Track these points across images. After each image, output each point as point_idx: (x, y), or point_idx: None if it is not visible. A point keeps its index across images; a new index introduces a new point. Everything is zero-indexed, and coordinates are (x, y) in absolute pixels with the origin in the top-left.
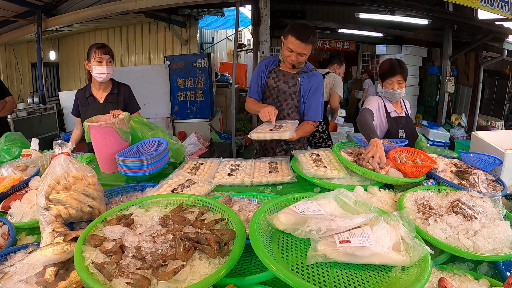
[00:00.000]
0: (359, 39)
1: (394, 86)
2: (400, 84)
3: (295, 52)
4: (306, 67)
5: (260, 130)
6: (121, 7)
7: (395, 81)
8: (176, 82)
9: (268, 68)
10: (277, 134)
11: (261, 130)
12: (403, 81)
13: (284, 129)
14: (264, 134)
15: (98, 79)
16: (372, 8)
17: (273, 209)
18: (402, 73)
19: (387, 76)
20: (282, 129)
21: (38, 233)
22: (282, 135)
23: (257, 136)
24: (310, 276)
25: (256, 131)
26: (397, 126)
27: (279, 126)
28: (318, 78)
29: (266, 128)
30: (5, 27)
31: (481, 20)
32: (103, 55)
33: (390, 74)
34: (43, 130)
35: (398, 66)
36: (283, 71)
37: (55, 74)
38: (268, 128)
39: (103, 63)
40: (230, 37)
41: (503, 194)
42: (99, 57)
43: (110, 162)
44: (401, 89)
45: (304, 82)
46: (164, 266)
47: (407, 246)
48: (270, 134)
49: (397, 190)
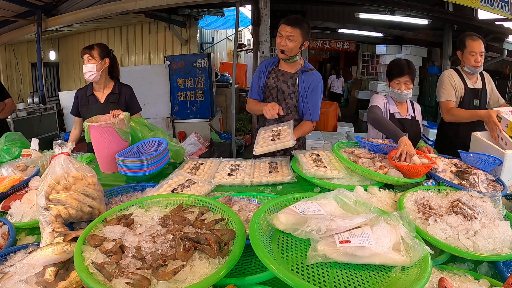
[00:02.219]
0: (359, 39)
1: (401, 86)
2: (407, 85)
3: (284, 37)
4: (304, 67)
5: (262, 143)
6: (121, 7)
7: (403, 81)
8: (176, 82)
9: (268, 68)
10: (281, 144)
11: (263, 144)
12: (410, 82)
13: (284, 135)
14: (268, 148)
15: (86, 79)
16: (372, 8)
17: (273, 209)
18: (410, 73)
19: (395, 76)
20: (283, 136)
21: (38, 233)
22: (285, 144)
23: (261, 151)
24: (310, 276)
25: (259, 146)
26: (401, 128)
27: (277, 132)
28: (316, 78)
29: (267, 139)
30: (5, 27)
31: (481, 20)
32: (84, 55)
33: (398, 74)
34: (43, 130)
35: (406, 66)
36: (282, 71)
37: (55, 74)
38: (269, 139)
39: (85, 62)
40: (230, 37)
41: (503, 194)
42: (82, 57)
43: (110, 162)
44: (408, 90)
45: (303, 82)
46: (164, 266)
47: (407, 246)
48: (274, 146)
49: (397, 190)
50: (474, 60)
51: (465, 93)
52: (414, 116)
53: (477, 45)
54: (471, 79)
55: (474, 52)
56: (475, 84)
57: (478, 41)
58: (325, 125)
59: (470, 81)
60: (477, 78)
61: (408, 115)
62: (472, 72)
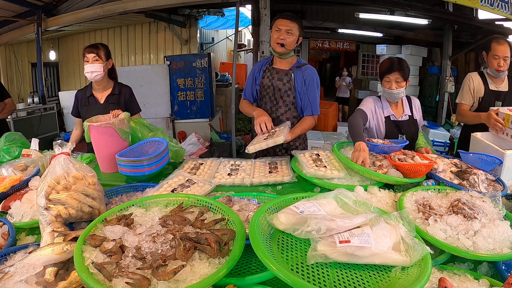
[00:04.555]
0: (359, 39)
1: (392, 85)
2: (398, 83)
3: (282, 30)
4: (298, 62)
5: (255, 142)
6: (121, 7)
7: (393, 79)
8: (176, 82)
9: (262, 68)
10: (272, 140)
11: (256, 142)
12: (402, 79)
13: (277, 134)
14: (260, 145)
15: (88, 78)
16: (372, 8)
17: (273, 209)
18: (401, 70)
19: (385, 73)
20: (275, 134)
21: (38, 233)
22: (276, 141)
23: (254, 149)
24: (310, 276)
25: (252, 144)
26: (397, 131)
27: (272, 132)
28: (311, 71)
29: (261, 138)
30: (5, 27)
31: (481, 20)
32: (87, 54)
33: (387, 71)
34: (43, 130)
35: (396, 63)
36: (276, 68)
37: (55, 74)
38: (262, 138)
39: (89, 61)
40: (230, 37)
41: (503, 194)
42: (86, 56)
43: (110, 162)
44: (399, 89)
45: (298, 77)
46: (164, 266)
47: (407, 246)
48: (265, 143)
49: (397, 190)
50: (497, 64)
51: (485, 95)
52: (411, 114)
53: (501, 49)
54: (496, 81)
55: (498, 56)
56: (499, 87)
57: (503, 45)
58: (325, 125)
59: (494, 83)
60: (504, 80)
61: (404, 115)
62: (495, 75)
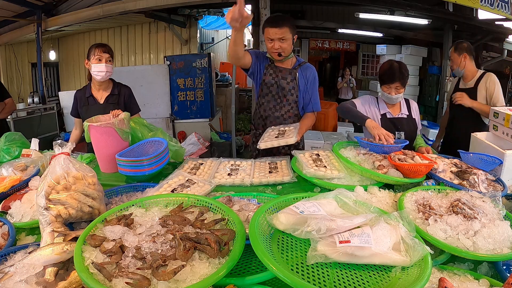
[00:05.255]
0: (359, 39)
1: (392, 91)
2: (398, 90)
3: (275, 40)
4: (298, 61)
5: (267, 139)
6: (121, 7)
7: (393, 87)
8: (176, 82)
9: (264, 64)
10: (283, 140)
11: (268, 139)
12: (401, 87)
13: (288, 134)
14: (271, 143)
15: (97, 78)
16: (372, 8)
17: (273, 209)
18: (401, 79)
19: (386, 81)
20: (286, 134)
21: (38, 233)
22: (288, 141)
23: (265, 146)
24: (310, 276)
25: (263, 140)
26: (393, 128)
27: (282, 131)
28: (313, 70)
29: (272, 135)
30: (5, 27)
31: (481, 20)
32: (102, 53)
33: (389, 80)
34: (43, 130)
35: (398, 72)
36: (279, 67)
37: (55, 74)
38: (273, 136)
39: (102, 61)
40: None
41: (503, 194)
42: (99, 55)
43: (110, 162)
44: (398, 94)
45: (302, 76)
46: (164, 266)
47: (407, 246)
48: (277, 142)
49: (397, 190)
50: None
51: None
52: (409, 114)
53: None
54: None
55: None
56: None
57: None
58: (325, 125)
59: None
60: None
61: (401, 114)
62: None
